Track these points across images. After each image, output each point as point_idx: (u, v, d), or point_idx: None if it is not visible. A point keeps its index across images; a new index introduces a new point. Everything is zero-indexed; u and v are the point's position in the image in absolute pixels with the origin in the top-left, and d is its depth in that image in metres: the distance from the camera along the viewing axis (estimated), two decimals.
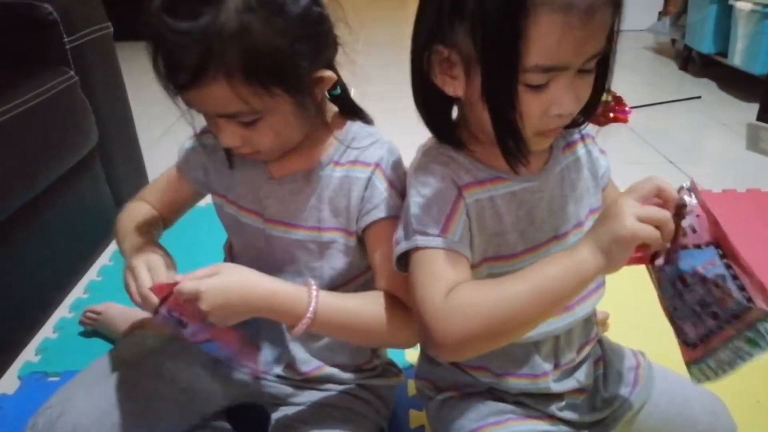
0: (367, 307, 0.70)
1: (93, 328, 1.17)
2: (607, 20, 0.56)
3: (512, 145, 0.60)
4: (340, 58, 0.73)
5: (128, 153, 1.62)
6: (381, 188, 0.72)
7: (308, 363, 0.80)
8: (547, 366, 0.72)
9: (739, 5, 2.38)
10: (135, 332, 0.99)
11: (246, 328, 0.82)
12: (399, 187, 0.72)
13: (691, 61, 3.04)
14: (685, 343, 0.59)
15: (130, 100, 1.61)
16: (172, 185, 0.86)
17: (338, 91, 0.75)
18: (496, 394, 0.74)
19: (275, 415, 0.82)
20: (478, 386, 0.75)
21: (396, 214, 0.70)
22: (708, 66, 2.93)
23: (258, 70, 0.61)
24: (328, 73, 0.68)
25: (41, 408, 0.75)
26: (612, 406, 0.76)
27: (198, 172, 0.82)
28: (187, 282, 0.63)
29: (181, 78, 0.61)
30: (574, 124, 0.67)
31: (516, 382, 0.72)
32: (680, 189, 0.57)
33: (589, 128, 0.73)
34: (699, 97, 2.64)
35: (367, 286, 0.76)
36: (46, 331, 1.21)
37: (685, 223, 0.53)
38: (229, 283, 0.65)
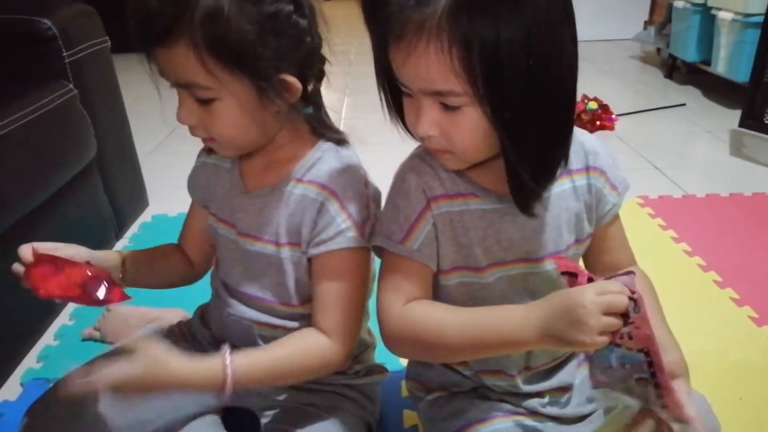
0: (290, 350, 0.72)
1: (98, 329, 1.19)
2: (430, 60, 0.54)
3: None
4: (333, 68, 0.74)
5: (126, 164, 1.65)
6: (335, 217, 0.72)
7: None
8: (517, 368, 0.74)
9: (721, 15, 2.43)
10: (144, 328, 1.02)
11: (217, 330, 0.85)
12: (357, 217, 0.72)
13: (675, 70, 3.09)
14: (591, 373, 0.61)
15: (126, 112, 1.64)
16: (190, 214, 0.89)
17: (309, 109, 0.75)
18: (481, 393, 0.76)
19: (264, 421, 0.84)
20: (464, 386, 0.77)
21: (348, 246, 0.71)
22: (692, 74, 2.99)
23: (220, 44, 0.63)
24: (293, 80, 0.68)
25: (34, 402, 0.80)
26: (597, 404, 0.77)
27: (197, 190, 0.85)
28: (103, 372, 0.62)
29: (148, 34, 0.64)
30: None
31: (491, 379, 0.75)
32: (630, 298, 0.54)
33: (603, 162, 0.71)
34: (684, 105, 2.69)
35: None
36: (48, 339, 1.23)
37: (624, 329, 0.54)
38: (146, 375, 0.64)
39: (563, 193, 0.70)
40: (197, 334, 0.88)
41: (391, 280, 0.68)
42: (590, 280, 0.56)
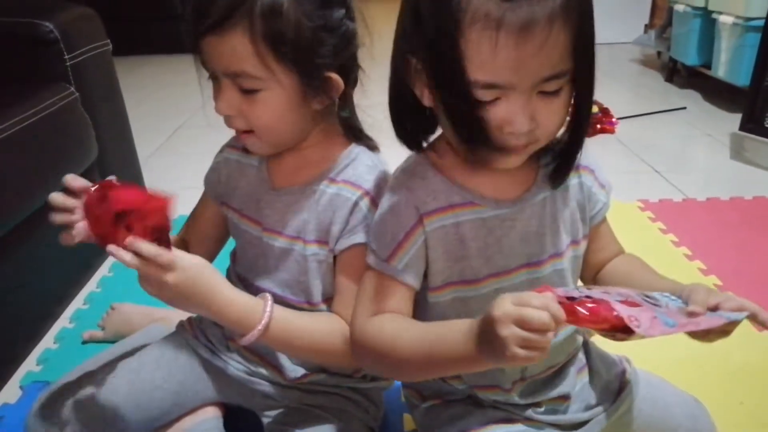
0: (317, 326, 0.73)
1: (102, 328, 1.19)
2: (557, 41, 0.54)
3: (474, 155, 0.62)
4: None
5: (127, 166, 1.65)
6: (367, 215, 0.73)
7: (296, 371, 0.82)
8: (512, 380, 0.73)
9: (722, 19, 2.43)
10: (149, 325, 1.02)
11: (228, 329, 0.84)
12: None
13: (676, 73, 3.09)
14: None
15: (128, 115, 1.64)
16: (199, 210, 0.88)
17: (347, 112, 0.77)
18: (476, 401, 0.76)
19: (266, 421, 0.84)
20: (458, 394, 0.76)
21: None
22: (693, 78, 2.99)
23: (278, 34, 0.65)
24: (337, 78, 0.70)
25: (49, 387, 0.81)
26: (598, 410, 0.76)
27: (215, 187, 0.85)
28: (163, 252, 0.63)
29: (207, 20, 0.65)
30: (562, 145, 0.66)
31: (486, 394, 0.74)
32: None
33: (590, 161, 0.72)
34: (684, 108, 2.69)
35: None
36: (47, 342, 1.23)
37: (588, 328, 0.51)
38: (200, 274, 0.66)
39: (558, 193, 0.70)
40: (207, 332, 0.88)
41: (367, 292, 0.68)
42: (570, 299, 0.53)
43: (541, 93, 0.57)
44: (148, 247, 0.62)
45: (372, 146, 0.79)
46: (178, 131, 2.51)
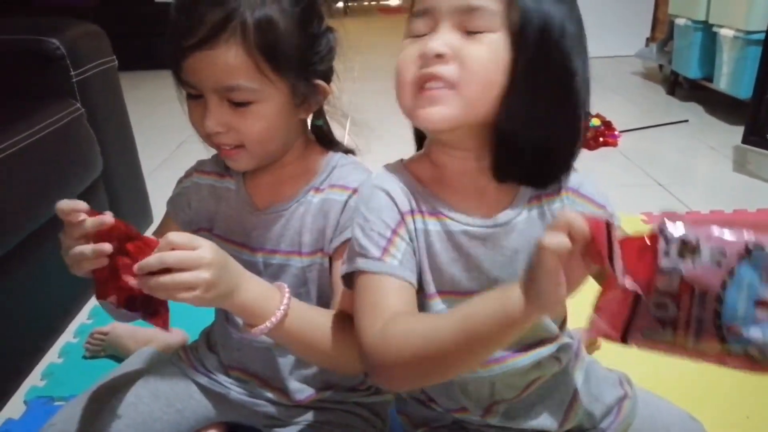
0: (329, 323, 0.70)
1: (100, 350, 1.19)
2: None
3: None
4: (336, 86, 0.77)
5: (131, 181, 1.66)
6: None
7: (302, 392, 0.81)
8: (480, 406, 0.72)
9: (723, 32, 2.45)
10: (142, 349, 1.01)
11: (225, 356, 0.83)
12: None
13: (678, 86, 3.10)
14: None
15: (132, 130, 1.66)
16: (160, 236, 0.84)
17: (321, 122, 0.79)
18: (462, 426, 0.75)
19: None
20: (443, 420, 0.76)
21: None
22: (695, 90, 3.00)
23: (272, 44, 0.66)
24: (323, 84, 0.72)
25: (45, 426, 0.78)
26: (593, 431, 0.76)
27: (184, 213, 0.82)
28: (186, 236, 0.60)
29: (198, 34, 0.64)
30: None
31: (461, 416, 0.73)
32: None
33: (575, 183, 0.69)
34: (686, 121, 2.69)
35: None
36: (52, 356, 1.23)
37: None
38: (226, 259, 0.62)
39: (537, 218, 0.67)
40: (205, 361, 0.87)
41: (367, 303, 0.62)
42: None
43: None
44: (180, 237, 0.59)
45: (347, 151, 0.81)
46: (182, 145, 2.52)
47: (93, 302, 1.41)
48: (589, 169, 0.72)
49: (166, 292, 0.58)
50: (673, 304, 0.45)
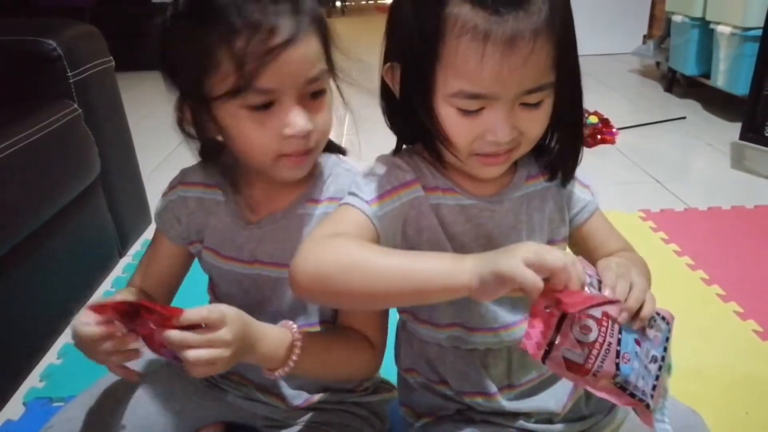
0: (341, 344, 0.72)
1: None
2: (541, 54, 0.56)
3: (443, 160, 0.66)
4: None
5: (129, 181, 1.66)
6: None
7: (298, 397, 0.81)
8: (497, 386, 0.73)
9: (719, 29, 2.45)
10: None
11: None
12: None
13: (675, 83, 3.11)
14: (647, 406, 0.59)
15: (130, 131, 1.65)
16: (155, 253, 0.83)
17: None
18: (467, 416, 0.75)
19: None
20: (449, 409, 0.76)
21: None
22: (692, 87, 3.01)
23: (326, 29, 0.69)
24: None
25: (44, 427, 0.77)
26: (591, 421, 0.76)
27: (174, 227, 0.81)
28: (202, 309, 0.59)
29: (278, 38, 0.62)
30: (549, 152, 0.69)
31: (471, 400, 0.73)
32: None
33: None
34: (684, 118, 2.70)
35: None
36: (51, 358, 1.23)
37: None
38: (242, 316, 0.62)
39: (536, 192, 0.71)
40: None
41: (331, 219, 0.66)
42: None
43: (523, 104, 0.60)
44: (194, 313, 0.58)
45: (341, 151, 0.81)
46: (180, 146, 2.52)
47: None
48: (587, 166, 0.73)
49: (188, 365, 0.58)
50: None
